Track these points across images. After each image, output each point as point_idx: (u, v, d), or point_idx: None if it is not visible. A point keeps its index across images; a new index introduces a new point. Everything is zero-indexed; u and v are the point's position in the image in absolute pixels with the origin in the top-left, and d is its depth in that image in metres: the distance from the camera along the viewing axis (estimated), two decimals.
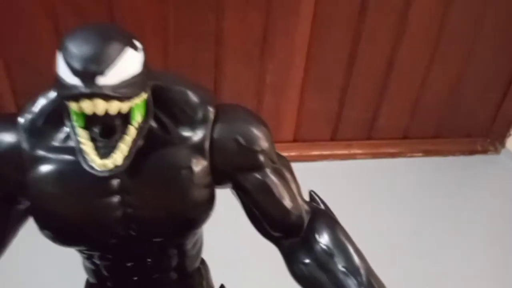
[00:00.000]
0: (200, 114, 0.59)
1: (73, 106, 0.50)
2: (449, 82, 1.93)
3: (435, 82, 1.91)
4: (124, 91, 0.50)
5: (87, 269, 0.74)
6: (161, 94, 0.57)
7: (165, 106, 0.58)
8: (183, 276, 0.74)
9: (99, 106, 0.49)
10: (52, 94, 0.58)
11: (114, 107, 0.50)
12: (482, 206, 1.81)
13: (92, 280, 0.75)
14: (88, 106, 0.49)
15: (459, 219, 1.73)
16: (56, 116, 0.57)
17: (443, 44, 1.81)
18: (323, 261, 0.60)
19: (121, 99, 0.50)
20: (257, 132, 0.61)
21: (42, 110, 0.57)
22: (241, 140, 0.60)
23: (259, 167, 0.61)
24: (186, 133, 0.59)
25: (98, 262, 0.69)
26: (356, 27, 1.71)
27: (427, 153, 2.01)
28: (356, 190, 1.82)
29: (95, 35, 0.49)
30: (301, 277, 0.62)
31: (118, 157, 0.52)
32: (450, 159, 2.05)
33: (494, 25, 1.80)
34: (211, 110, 0.60)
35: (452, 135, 2.05)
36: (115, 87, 0.49)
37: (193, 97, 0.59)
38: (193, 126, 0.59)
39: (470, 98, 1.98)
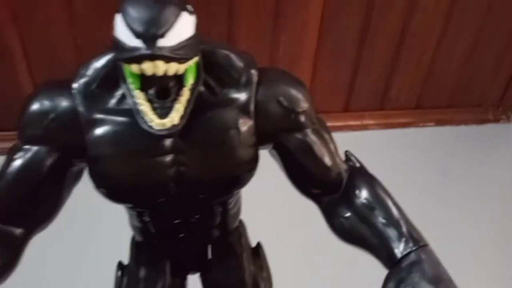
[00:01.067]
0: (244, 77, 0.61)
1: (133, 68, 0.51)
2: (461, 52, 1.92)
3: (448, 53, 1.91)
4: (182, 52, 0.51)
5: (134, 227, 0.77)
6: (208, 57, 0.59)
7: (211, 69, 0.59)
8: (224, 233, 0.77)
9: (160, 67, 0.50)
10: (105, 58, 0.59)
11: (173, 68, 0.51)
12: (494, 174, 1.83)
13: (138, 238, 0.78)
14: (149, 68, 0.50)
15: (471, 187, 1.75)
16: (109, 79, 0.59)
17: (456, 15, 1.80)
18: (364, 214, 0.62)
19: (179, 60, 0.51)
20: (298, 93, 0.63)
21: (96, 74, 0.59)
22: (284, 101, 0.62)
23: (301, 128, 0.63)
24: (232, 95, 0.60)
25: (147, 219, 0.72)
26: None
27: (439, 122, 2.02)
28: (370, 160, 1.83)
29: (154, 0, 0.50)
30: (342, 230, 0.65)
31: (175, 117, 0.54)
32: (462, 128, 2.06)
33: None
34: (254, 73, 0.61)
35: (465, 105, 2.06)
36: (173, 49, 0.50)
37: (237, 61, 0.61)
38: (238, 88, 0.61)
39: (482, 68, 1.97)
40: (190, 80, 0.56)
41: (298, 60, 1.81)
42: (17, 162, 0.59)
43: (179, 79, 0.55)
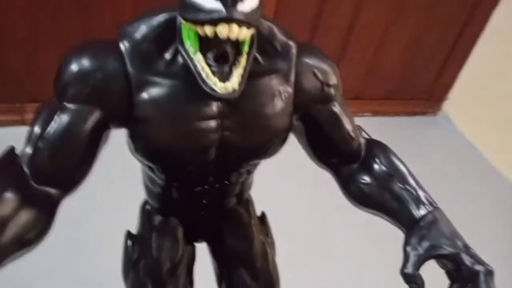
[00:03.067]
0: (286, 48, 0.63)
1: (206, 29, 0.51)
2: (400, 49, 2.07)
3: (388, 48, 2.04)
4: (253, 18, 0.52)
5: (153, 194, 0.76)
6: None
7: (257, 40, 0.60)
8: (239, 201, 0.79)
9: (234, 31, 0.51)
10: (156, 19, 0.58)
11: (243, 33, 0.52)
12: (421, 162, 1.98)
13: (155, 205, 0.77)
14: (224, 30, 0.51)
15: None
16: (161, 40, 0.58)
17: (399, 11, 1.93)
18: (384, 180, 0.67)
19: (251, 25, 0.52)
20: (331, 68, 0.66)
21: (145, 35, 0.58)
22: (318, 74, 0.65)
23: (330, 100, 0.67)
24: (275, 65, 0.63)
25: (173, 184, 0.71)
26: None
27: (376, 113, 2.15)
28: None
29: None
30: (361, 195, 0.69)
31: (235, 81, 0.55)
32: (396, 119, 2.21)
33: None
34: (294, 45, 0.64)
35: (399, 97, 2.21)
36: (247, 14, 0.51)
37: (279, 33, 0.63)
38: (279, 58, 0.63)
39: (417, 64, 2.14)
40: (245, 48, 0.57)
41: None
42: (60, 122, 0.56)
43: (235, 45, 0.55)
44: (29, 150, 0.57)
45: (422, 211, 0.64)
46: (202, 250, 0.84)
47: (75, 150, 0.58)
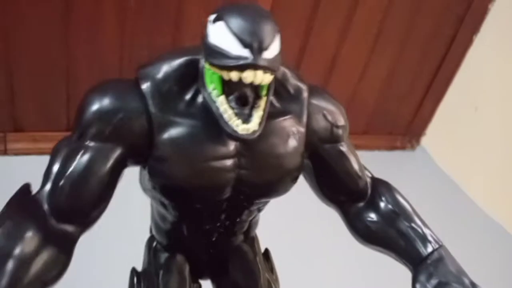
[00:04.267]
0: (298, 91, 0.66)
1: (232, 75, 0.54)
2: (378, 83, 2.13)
3: (368, 83, 2.10)
4: (276, 65, 0.55)
5: (162, 231, 0.76)
6: None
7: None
8: (246, 239, 0.80)
9: (258, 77, 0.53)
10: (177, 61, 0.60)
11: (267, 78, 0.55)
12: None
13: (163, 241, 0.77)
14: (249, 76, 0.53)
15: None
16: (182, 82, 0.60)
17: (378, 48, 2.00)
18: (390, 218, 0.70)
19: (273, 72, 0.55)
20: (339, 110, 0.71)
21: (167, 76, 0.60)
22: (328, 115, 0.69)
23: (339, 140, 0.70)
24: (288, 107, 0.66)
25: (184, 221, 0.72)
26: (309, 19, 1.82)
27: (356, 147, 2.17)
28: None
29: (257, 13, 0.54)
30: (368, 233, 0.72)
31: (256, 123, 0.57)
32: (375, 153, 2.26)
33: (422, 34, 2.03)
34: (305, 88, 0.67)
35: (378, 132, 2.26)
36: (270, 61, 0.54)
37: (291, 76, 0.66)
38: (292, 101, 0.66)
39: (395, 99, 2.20)
40: (264, 91, 0.59)
41: None
42: (81, 160, 0.57)
43: (255, 89, 0.58)
44: (48, 187, 0.56)
45: (428, 249, 0.67)
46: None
47: (95, 187, 0.58)
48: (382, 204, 0.72)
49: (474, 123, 2.13)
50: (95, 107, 0.58)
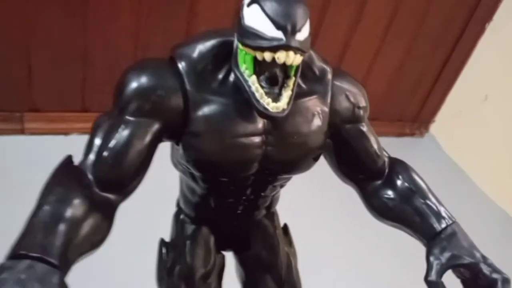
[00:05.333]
0: (323, 73, 0.70)
1: (265, 55, 0.57)
2: (389, 72, 2.16)
3: (378, 71, 2.13)
4: (306, 46, 0.58)
5: (191, 203, 0.80)
6: None
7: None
8: (267, 213, 0.84)
9: (291, 57, 0.57)
10: (211, 42, 0.64)
11: (298, 59, 0.58)
12: None
13: (191, 214, 0.81)
14: (282, 56, 0.57)
15: None
16: (216, 61, 0.64)
17: (389, 38, 2.02)
18: (406, 195, 0.73)
19: (304, 53, 0.58)
20: (361, 92, 0.73)
21: (203, 56, 0.63)
22: (351, 97, 0.72)
23: (360, 120, 0.73)
24: (313, 88, 0.69)
25: (212, 194, 0.75)
26: (321, 10, 1.85)
27: None
28: None
29: None
30: (384, 209, 0.75)
31: (285, 102, 0.61)
32: (384, 139, 2.26)
33: (433, 26, 2.05)
34: (330, 70, 0.70)
35: (387, 119, 2.30)
36: (302, 42, 0.57)
37: (317, 59, 0.70)
38: (317, 82, 0.69)
39: (405, 86, 2.23)
40: (292, 72, 0.63)
41: None
42: (122, 133, 0.61)
43: (284, 69, 0.61)
44: (92, 158, 0.60)
45: (442, 224, 0.71)
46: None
47: (135, 159, 0.62)
48: (398, 182, 0.75)
49: (483, 111, 2.16)
50: (134, 84, 0.61)
